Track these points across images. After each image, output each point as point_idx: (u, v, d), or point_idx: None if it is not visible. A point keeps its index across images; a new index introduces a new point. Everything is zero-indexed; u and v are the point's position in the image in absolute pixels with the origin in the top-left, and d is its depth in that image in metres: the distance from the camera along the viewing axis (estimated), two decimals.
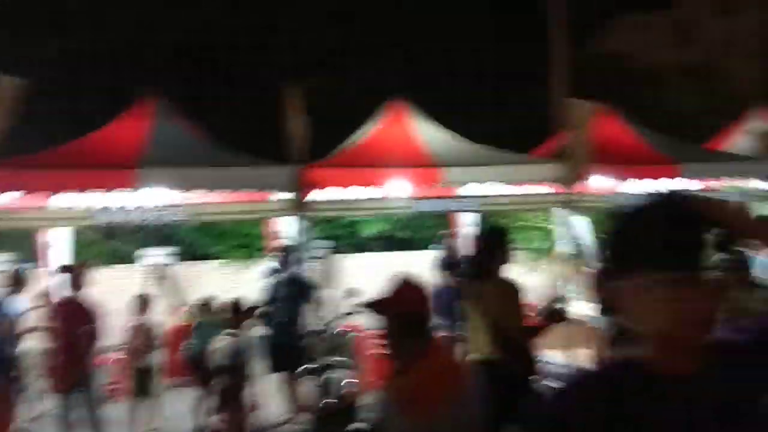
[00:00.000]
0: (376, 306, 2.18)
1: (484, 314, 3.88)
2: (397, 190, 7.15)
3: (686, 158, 7.89)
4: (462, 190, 7.66)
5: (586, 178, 7.39)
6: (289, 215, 6.80)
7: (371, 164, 7.17)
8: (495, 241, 4.30)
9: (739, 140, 9.51)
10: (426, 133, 7.79)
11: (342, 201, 7.11)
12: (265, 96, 7.87)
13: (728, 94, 20.32)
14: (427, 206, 7.72)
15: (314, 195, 6.82)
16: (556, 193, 7.62)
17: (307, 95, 7.05)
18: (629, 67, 21.06)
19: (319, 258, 10.78)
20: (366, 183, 7.03)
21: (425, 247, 12.06)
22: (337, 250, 11.03)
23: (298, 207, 6.67)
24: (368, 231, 10.60)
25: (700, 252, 1.07)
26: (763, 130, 8.85)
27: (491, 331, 3.81)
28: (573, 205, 7.46)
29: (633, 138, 8.51)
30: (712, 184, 8.02)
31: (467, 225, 9.71)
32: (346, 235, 11.06)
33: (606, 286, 1.17)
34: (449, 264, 7.09)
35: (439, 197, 7.85)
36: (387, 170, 7.05)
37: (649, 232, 1.09)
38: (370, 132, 7.97)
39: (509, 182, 7.30)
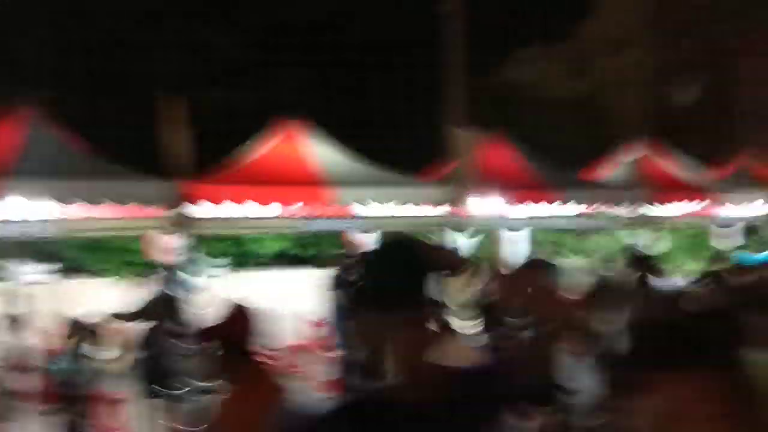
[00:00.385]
0: (204, 333, 2.18)
1: None
2: (287, 208, 7.13)
3: (565, 185, 8.39)
4: (358, 210, 7.77)
5: (472, 201, 7.69)
6: (170, 232, 6.60)
7: (259, 181, 7.11)
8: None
9: (615, 169, 10.24)
10: (319, 152, 7.82)
11: (227, 218, 6.99)
12: (148, 107, 7.61)
13: (613, 125, 21.92)
14: (319, 225, 7.72)
15: (198, 211, 6.66)
16: (445, 215, 7.88)
17: (195, 108, 6.90)
18: (525, 96, 22.24)
19: (214, 276, 10.54)
20: (253, 200, 6.95)
21: (324, 266, 12.11)
22: (233, 267, 10.82)
23: (179, 223, 6.48)
24: (267, 249, 10.45)
25: (422, 294, 1.15)
26: (633, 161, 9.58)
27: None
28: (459, 226, 7.73)
29: (518, 164, 8.95)
30: (588, 209, 8.60)
31: (366, 245, 9.84)
32: (243, 253, 10.87)
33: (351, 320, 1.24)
34: (342, 284, 7.12)
35: (332, 217, 7.91)
36: (275, 188, 7.02)
37: (382, 275, 1.16)
38: (261, 149, 7.92)
39: (399, 203, 7.45)
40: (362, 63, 16.36)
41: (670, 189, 9.69)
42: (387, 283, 1.15)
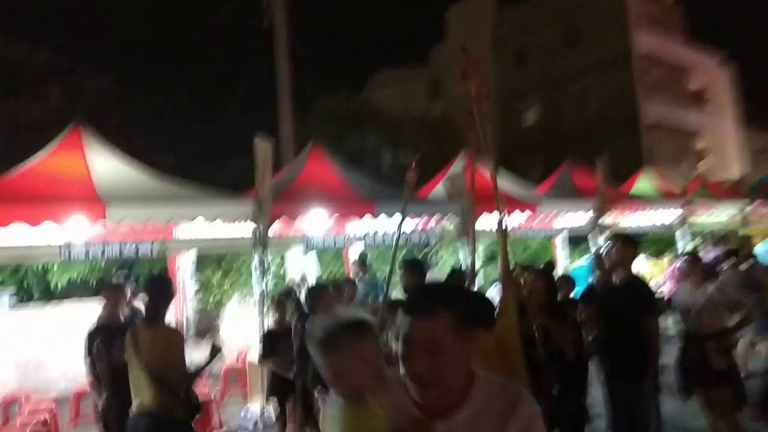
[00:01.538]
0: None
1: (145, 363, 3.80)
2: (54, 229, 6.09)
3: (381, 198, 8.08)
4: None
5: (278, 218, 7.11)
6: None
7: (24, 196, 6.01)
8: (158, 287, 4.13)
9: (443, 183, 10.17)
10: (99, 165, 6.87)
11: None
12: None
13: (458, 142, 22.57)
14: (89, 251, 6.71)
15: None
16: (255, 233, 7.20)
17: None
18: (386, 115, 22.39)
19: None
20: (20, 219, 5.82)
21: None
22: (23, 300, 9.37)
23: None
24: (58, 278, 9.12)
25: None
26: (455, 176, 9.54)
27: (151, 381, 3.76)
28: (266, 245, 7.09)
29: (337, 179, 8.55)
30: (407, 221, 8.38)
31: (183, 268, 8.94)
32: (36, 283, 9.46)
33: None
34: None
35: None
36: (40, 206, 5.96)
37: None
38: (36, 161, 6.83)
39: (188, 219, 6.68)
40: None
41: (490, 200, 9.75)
42: None
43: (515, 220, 10.49)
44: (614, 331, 4.45)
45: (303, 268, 9.92)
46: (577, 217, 11.09)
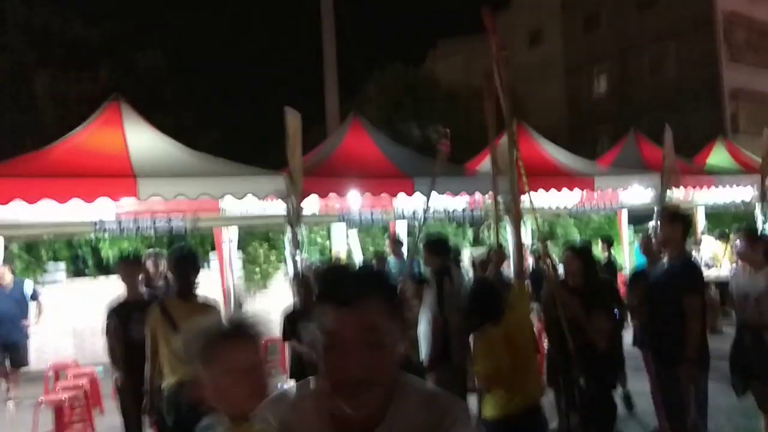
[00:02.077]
0: None
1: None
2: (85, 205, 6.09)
3: (421, 173, 7.72)
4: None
5: (311, 193, 6.92)
6: None
7: (56, 174, 6.06)
8: (184, 261, 4.11)
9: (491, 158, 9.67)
10: (135, 140, 6.86)
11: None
12: None
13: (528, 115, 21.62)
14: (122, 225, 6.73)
15: None
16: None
17: None
18: (444, 87, 21.77)
19: (54, 282, 9.39)
20: (45, 195, 5.88)
21: None
22: (76, 272, 9.69)
23: None
24: (109, 251, 9.35)
25: None
26: (502, 148, 9.02)
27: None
28: (299, 221, 6.92)
29: (376, 153, 8.25)
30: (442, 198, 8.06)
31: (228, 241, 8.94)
32: (89, 256, 9.77)
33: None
34: None
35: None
36: (71, 180, 5.99)
37: None
38: (73, 136, 6.91)
39: (221, 196, 6.58)
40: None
41: (547, 176, 9.22)
42: None
43: (570, 197, 9.87)
44: (657, 314, 4.08)
45: (348, 243, 9.75)
46: (642, 193, 10.31)
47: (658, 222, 4.14)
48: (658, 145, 10.93)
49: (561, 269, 4.76)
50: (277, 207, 7.31)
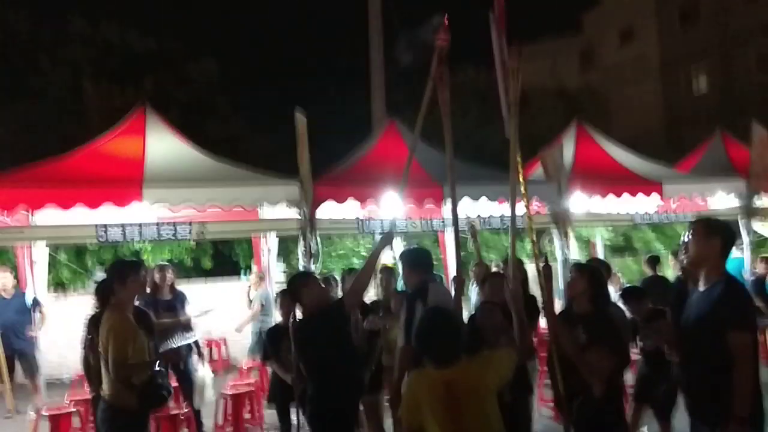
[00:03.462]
0: None
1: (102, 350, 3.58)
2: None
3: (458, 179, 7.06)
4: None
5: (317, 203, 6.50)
6: None
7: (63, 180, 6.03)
8: (109, 272, 3.98)
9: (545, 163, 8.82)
10: (154, 145, 6.76)
11: None
12: None
13: (614, 116, 20.17)
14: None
15: None
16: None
17: None
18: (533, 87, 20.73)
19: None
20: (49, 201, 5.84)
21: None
22: None
23: None
24: (150, 258, 9.39)
25: None
26: (554, 151, 8.19)
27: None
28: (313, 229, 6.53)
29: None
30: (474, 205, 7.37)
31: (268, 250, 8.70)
32: None
33: None
34: None
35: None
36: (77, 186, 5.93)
37: None
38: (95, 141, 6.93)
39: (230, 203, 6.30)
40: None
41: (605, 179, 8.29)
42: None
43: (638, 204, 8.80)
44: (691, 353, 3.10)
45: (392, 252, 9.22)
46: (724, 199, 9.03)
47: (689, 236, 3.26)
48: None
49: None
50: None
